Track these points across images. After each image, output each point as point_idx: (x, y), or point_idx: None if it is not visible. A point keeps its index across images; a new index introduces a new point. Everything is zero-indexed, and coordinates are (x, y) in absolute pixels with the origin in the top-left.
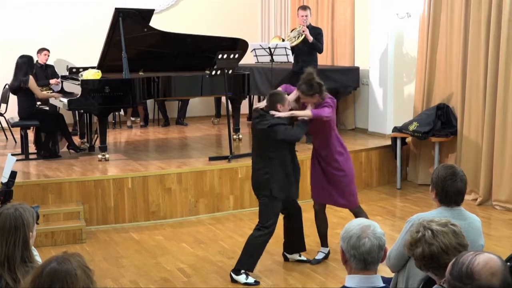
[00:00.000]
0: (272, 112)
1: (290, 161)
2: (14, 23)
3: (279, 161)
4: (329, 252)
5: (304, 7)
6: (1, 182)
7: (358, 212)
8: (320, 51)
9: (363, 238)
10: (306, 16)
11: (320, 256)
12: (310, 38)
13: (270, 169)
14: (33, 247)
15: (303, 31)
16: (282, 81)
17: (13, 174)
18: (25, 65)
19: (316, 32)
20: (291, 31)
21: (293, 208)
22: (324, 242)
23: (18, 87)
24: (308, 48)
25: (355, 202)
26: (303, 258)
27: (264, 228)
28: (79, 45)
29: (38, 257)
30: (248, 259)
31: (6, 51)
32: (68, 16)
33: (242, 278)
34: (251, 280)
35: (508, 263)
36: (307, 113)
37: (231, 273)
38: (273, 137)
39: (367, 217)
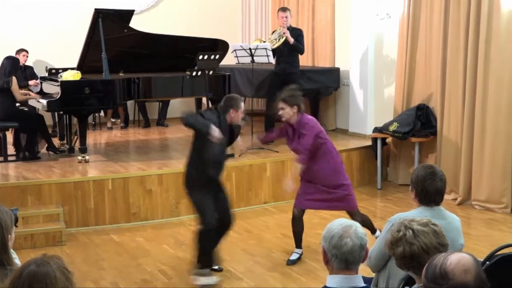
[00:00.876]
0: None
1: (205, 154)
2: None
3: (195, 152)
4: (301, 254)
5: (284, 9)
6: None
7: (354, 214)
8: (302, 53)
9: (345, 238)
10: (286, 17)
11: (294, 256)
12: (291, 40)
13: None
14: (12, 250)
15: (284, 33)
16: (264, 81)
17: None
18: (10, 65)
19: (296, 33)
20: (272, 33)
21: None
22: (299, 244)
23: (2, 87)
24: (289, 49)
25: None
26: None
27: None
28: (58, 46)
29: (17, 260)
30: (201, 256)
31: None
32: (47, 16)
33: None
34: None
35: (488, 262)
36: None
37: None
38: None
39: (366, 219)
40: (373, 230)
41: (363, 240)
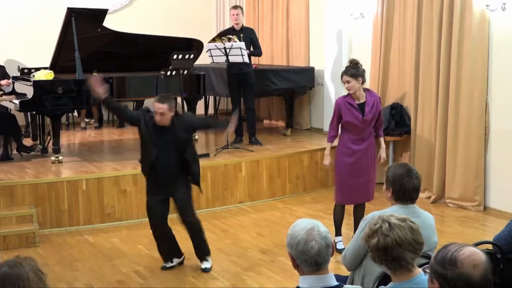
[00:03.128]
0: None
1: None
2: None
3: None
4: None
5: (235, 6)
6: None
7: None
8: (259, 56)
9: (310, 241)
10: (237, 14)
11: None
12: (246, 60)
13: None
14: None
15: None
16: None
17: None
18: None
19: (250, 34)
20: (222, 34)
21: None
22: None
23: None
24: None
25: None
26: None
27: None
28: (30, 45)
29: None
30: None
31: None
32: (19, 15)
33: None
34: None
35: None
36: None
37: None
38: None
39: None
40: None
41: (328, 239)
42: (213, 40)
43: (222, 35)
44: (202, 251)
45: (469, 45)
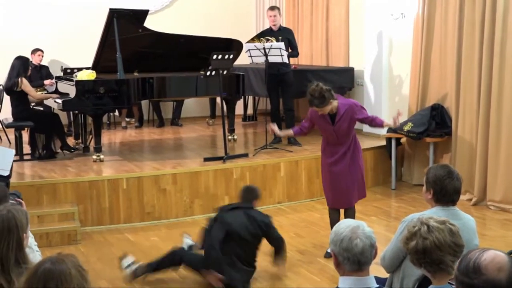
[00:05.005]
0: None
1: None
2: (9, 23)
3: None
4: None
5: (272, 7)
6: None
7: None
8: (296, 57)
9: (355, 239)
10: (274, 16)
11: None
12: (285, 60)
13: None
14: (35, 245)
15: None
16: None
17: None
18: (18, 66)
19: (288, 35)
20: (260, 35)
21: None
22: None
23: (10, 88)
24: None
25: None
26: None
27: None
28: (73, 45)
29: (39, 254)
30: None
31: (1, 52)
32: (62, 16)
33: None
34: None
35: None
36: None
37: None
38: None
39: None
40: None
41: (372, 239)
42: (252, 40)
43: (260, 36)
44: None
45: None
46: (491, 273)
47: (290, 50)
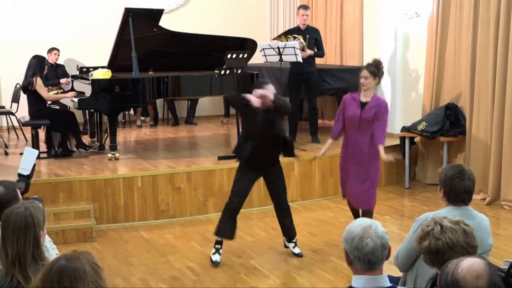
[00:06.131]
0: None
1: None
2: (26, 23)
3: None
4: None
5: (305, 7)
6: (20, 174)
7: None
8: (322, 57)
9: (366, 238)
10: (307, 15)
11: None
12: (311, 53)
13: None
14: (52, 242)
15: (302, 54)
16: (291, 79)
17: (33, 167)
18: (34, 65)
19: (316, 35)
20: (286, 33)
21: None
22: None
23: (26, 87)
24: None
25: None
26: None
27: None
28: (89, 44)
29: (56, 250)
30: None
31: (18, 51)
32: (78, 16)
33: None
34: None
35: None
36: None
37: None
38: None
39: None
40: None
41: (384, 239)
42: (279, 37)
43: (287, 34)
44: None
45: None
46: (470, 282)
47: (316, 50)
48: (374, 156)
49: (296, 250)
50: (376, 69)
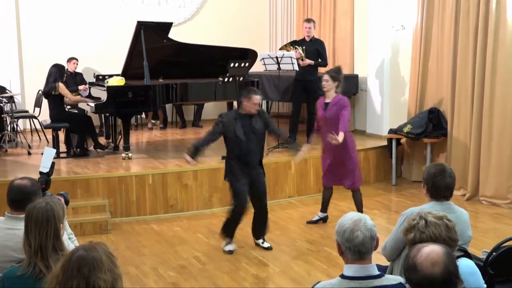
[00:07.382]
0: None
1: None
2: (48, 34)
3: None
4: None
5: (308, 20)
6: (41, 172)
7: None
8: (325, 66)
9: (356, 231)
10: (310, 28)
11: (315, 218)
12: (310, 62)
13: None
14: (73, 234)
15: (301, 63)
16: (289, 87)
17: (52, 164)
18: (55, 72)
19: (319, 46)
20: (291, 43)
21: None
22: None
23: (48, 92)
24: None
25: None
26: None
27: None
28: (105, 54)
29: (76, 242)
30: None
31: (41, 61)
32: (95, 28)
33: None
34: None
35: (494, 253)
36: (341, 137)
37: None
38: None
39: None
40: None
41: (373, 231)
42: (284, 46)
43: (292, 44)
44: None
45: (503, 55)
46: (426, 269)
47: (319, 60)
48: (344, 145)
49: (266, 245)
50: (335, 73)
